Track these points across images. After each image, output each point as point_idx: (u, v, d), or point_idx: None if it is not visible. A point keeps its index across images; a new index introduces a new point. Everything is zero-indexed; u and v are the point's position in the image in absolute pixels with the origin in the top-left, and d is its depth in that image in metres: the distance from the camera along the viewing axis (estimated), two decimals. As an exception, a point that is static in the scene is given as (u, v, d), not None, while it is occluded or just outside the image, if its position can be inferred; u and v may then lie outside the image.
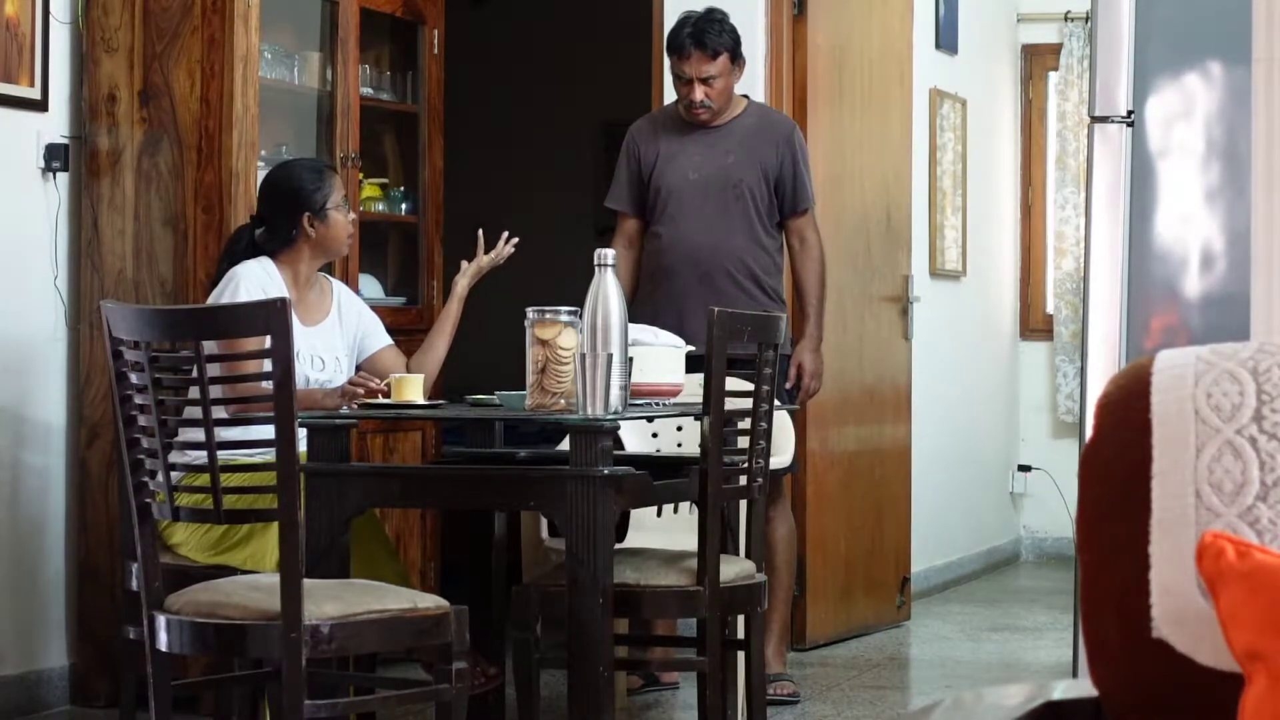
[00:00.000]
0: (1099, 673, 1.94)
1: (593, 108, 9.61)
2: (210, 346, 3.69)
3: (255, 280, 4.71)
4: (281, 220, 4.81)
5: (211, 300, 4.74)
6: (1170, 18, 4.17)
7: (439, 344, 5.08)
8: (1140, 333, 4.15)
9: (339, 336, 4.91)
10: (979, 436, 8.85)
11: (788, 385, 5.75)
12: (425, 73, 6.21)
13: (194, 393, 3.72)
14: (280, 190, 4.84)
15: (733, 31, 5.64)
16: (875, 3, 7.03)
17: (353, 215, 4.98)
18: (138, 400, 3.70)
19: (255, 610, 3.65)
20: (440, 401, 5.12)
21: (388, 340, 5.07)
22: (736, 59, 5.64)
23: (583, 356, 4.11)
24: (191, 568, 4.46)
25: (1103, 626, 1.93)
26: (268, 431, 3.65)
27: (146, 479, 3.73)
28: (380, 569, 4.52)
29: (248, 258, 4.79)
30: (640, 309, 5.50)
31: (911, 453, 7.34)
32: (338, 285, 5.02)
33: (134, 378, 3.70)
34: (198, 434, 3.75)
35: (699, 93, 5.61)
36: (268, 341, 3.61)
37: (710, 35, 5.57)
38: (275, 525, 4.33)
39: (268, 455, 4.24)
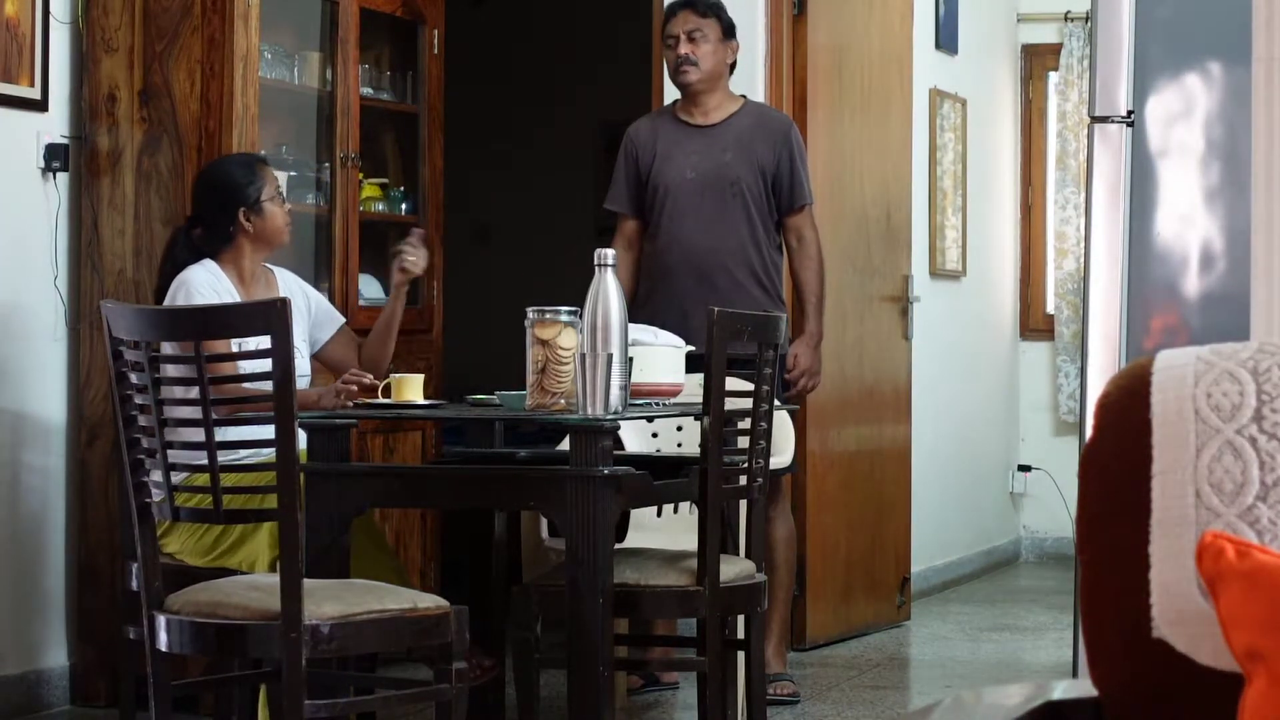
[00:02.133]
0: (1099, 673, 1.94)
1: (593, 108, 9.61)
2: (174, 348, 3.67)
3: (206, 284, 4.70)
4: (218, 217, 4.80)
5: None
6: (1170, 18, 4.17)
7: (389, 343, 5.04)
8: (1140, 333, 4.15)
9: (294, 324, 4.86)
10: (979, 436, 8.85)
11: (787, 375, 5.75)
12: (425, 73, 6.21)
13: (185, 392, 3.72)
14: (213, 187, 4.84)
15: (724, 8, 5.69)
16: (875, 3, 7.03)
17: (288, 205, 4.96)
18: (138, 400, 3.70)
19: (255, 610, 3.64)
20: (440, 401, 5.11)
21: (339, 322, 5.05)
22: (728, 33, 5.68)
23: (583, 356, 4.11)
24: (191, 568, 4.46)
25: (1103, 626, 1.93)
26: (257, 432, 3.64)
27: (146, 479, 3.73)
28: (376, 565, 4.51)
29: (189, 260, 4.78)
30: (640, 309, 5.50)
31: (911, 453, 7.34)
32: (281, 273, 4.98)
33: (134, 378, 3.70)
34: (194, 434, 3.75)
35: (684, 46, 5.62)
36: (268, 341, 3.61)
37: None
38: (267, 526, 4.34)
39: (262, 456, 4.24)
